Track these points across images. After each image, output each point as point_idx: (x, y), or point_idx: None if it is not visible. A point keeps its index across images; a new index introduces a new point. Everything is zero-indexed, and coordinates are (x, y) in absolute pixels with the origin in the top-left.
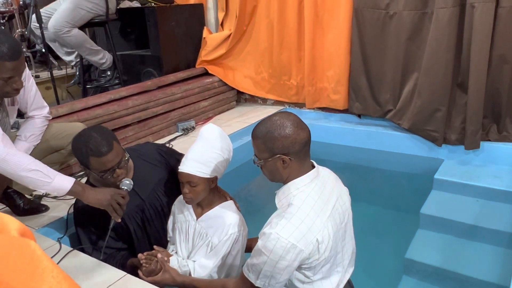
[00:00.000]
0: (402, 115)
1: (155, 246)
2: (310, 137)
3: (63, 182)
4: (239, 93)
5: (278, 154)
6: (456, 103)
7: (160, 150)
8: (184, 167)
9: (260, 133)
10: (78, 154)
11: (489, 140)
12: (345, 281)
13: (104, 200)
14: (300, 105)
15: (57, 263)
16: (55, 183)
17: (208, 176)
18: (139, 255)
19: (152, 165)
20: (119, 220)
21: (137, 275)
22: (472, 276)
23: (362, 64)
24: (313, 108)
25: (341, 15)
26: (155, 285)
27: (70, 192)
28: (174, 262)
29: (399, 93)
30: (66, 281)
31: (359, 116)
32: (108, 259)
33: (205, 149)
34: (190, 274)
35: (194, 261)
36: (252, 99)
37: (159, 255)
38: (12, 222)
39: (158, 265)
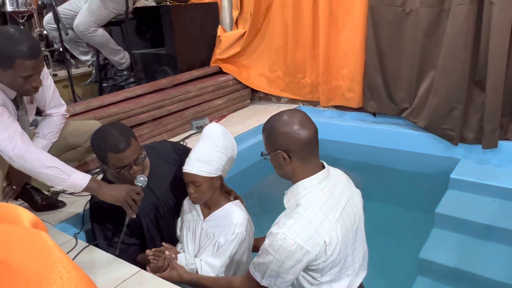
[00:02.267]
0: (418, 114)
1: (163, 243)
2: (315, 137)
3: (80, 179)
4: (253, 91)
5: (279, 150)
6: (474, 101)
7: (176, 148)
8: (188, 167)
9: (266, 127)
10: (97, 150)
11: (507, 139)
12: (356, 285)
13: (120, 197)
14: (315, 103)
15: (73, 258)
16: (71, 180)
17: (212, 175)
18: (147, 251)
19: (168, 163)
20: (134, 216)
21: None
22: (488, 277)
23: (378, 62)
24: (328, 107)
25: (356, 12)
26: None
27: (86, 189)
28: (181, 260)
29: (415, 91)
30: (76, 270)
31: (374, 114)
32: (120, 254)
33: (207, 148)
34: (197, 272)
35: (201, 260)
36: (266, 97)
37: (166, 252)
38: (25, 214)
39: (166, 262)
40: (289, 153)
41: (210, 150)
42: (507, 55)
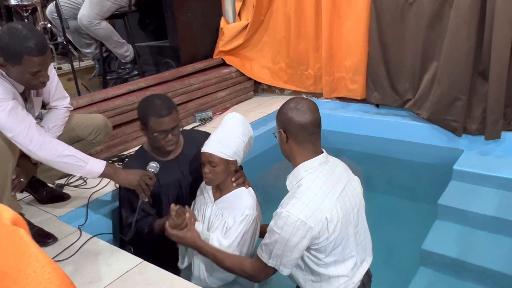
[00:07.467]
0: (421, 105)
1: (186, 207)
2: (313, 125)
3: (96, 165)
4: (257, 83)
5: (280, 128)
6: (477, 92)
7: (208, 136)
8: (206, 148)
9: (279, 108)
10: (141, 113)
11: (511, 130)
12: (363, 270)
13: (134, 181)
14: (318, 95)
15: (78, 250)
16: (88, 167)
17: (228, 158)
18: (172, 205)
19: (198, 148)
20: (146, 200)
21: (161, 237)
22: (490, 268)
23: (381, 53)
24: (331, 98)
25: (359, 3)
26: (177, 240)
27: (103, 174)
28: (198, 228)
29: (418, 82)
30: (50, 265)
31: (377, 105)
32: (140, 221)
33: (227, 133)
34: None
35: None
36: (270, 89)
37: (187, 214)
38: (5, 212)
39: (184, 223)
40: (287, 133)
41: (229, 135)
42: (511, 45)
